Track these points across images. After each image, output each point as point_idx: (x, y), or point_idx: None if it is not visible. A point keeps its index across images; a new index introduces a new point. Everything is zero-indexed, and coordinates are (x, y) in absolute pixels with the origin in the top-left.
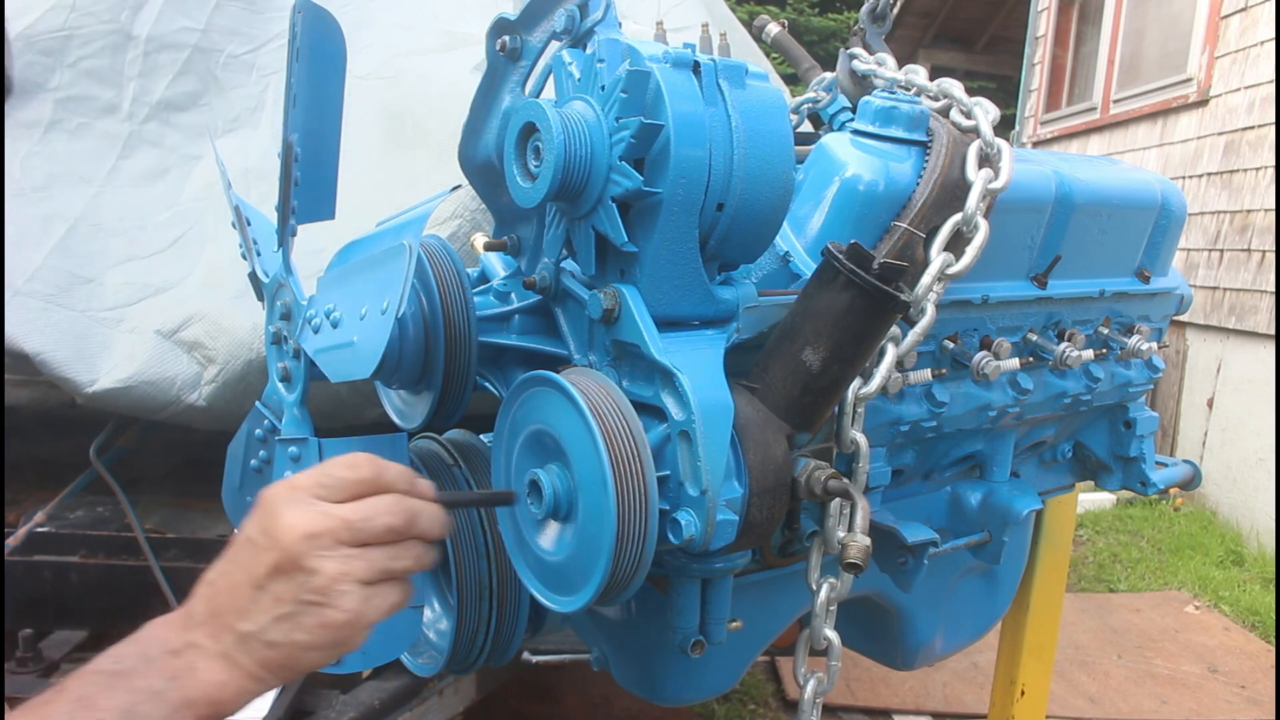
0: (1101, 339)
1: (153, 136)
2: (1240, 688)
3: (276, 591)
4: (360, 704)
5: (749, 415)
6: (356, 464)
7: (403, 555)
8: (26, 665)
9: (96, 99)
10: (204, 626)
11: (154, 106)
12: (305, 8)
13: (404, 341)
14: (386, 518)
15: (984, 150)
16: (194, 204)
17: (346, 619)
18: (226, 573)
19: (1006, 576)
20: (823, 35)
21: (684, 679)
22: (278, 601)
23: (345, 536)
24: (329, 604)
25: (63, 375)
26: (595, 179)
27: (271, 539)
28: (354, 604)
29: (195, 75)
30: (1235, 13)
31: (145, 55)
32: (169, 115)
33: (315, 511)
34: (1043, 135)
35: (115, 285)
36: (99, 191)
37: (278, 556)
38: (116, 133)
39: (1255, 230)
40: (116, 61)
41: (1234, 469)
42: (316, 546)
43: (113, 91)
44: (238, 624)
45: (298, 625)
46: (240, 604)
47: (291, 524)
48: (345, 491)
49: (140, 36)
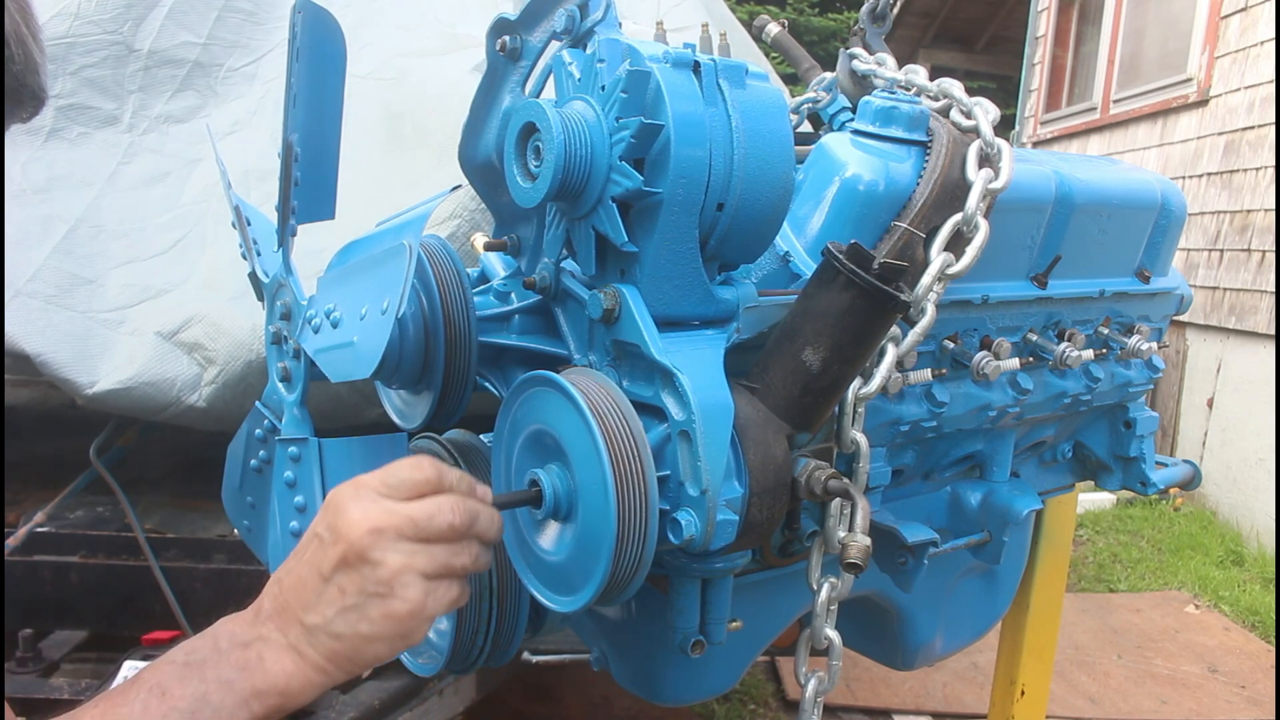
0: (1101, 339)
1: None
2: (1240, 688)
3: (341, 584)
4: (360, 704)
5: (749, 415)
6: (420, 465)
7: (462, 553)
8: (26, 665)
9: (98, 110)
10: (273, 620)
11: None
12: (305, 8)
13: (404, 341)
14: (449, 515)
15: (984, 150)
16: (194, 206)
17: (410, 609)
18: (293, 569)
19: (1006, 576)
20: (823, 35)
21: (684, 679)
22: (343, 594)
23: (409, 532)
24: (393, 595)
25: (63, 376)
26: (595, 179)
27: (337, 534)
28: (417, 595)
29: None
30: (1235, 13)
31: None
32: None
33: (381, 507)
34: (1043, 135)
35: (116, 287)
36: (100, 194)
37: (344, 550)
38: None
39: (1255, 230)
40: (118, 73)
41: (1234, 469)
42: (381, 540)
43: (114, 104)
44: (304, 616)
45: (363, 616)
46: (307, 598)
47: (357, 519)
48: (409, 490)
49: (142, 50)
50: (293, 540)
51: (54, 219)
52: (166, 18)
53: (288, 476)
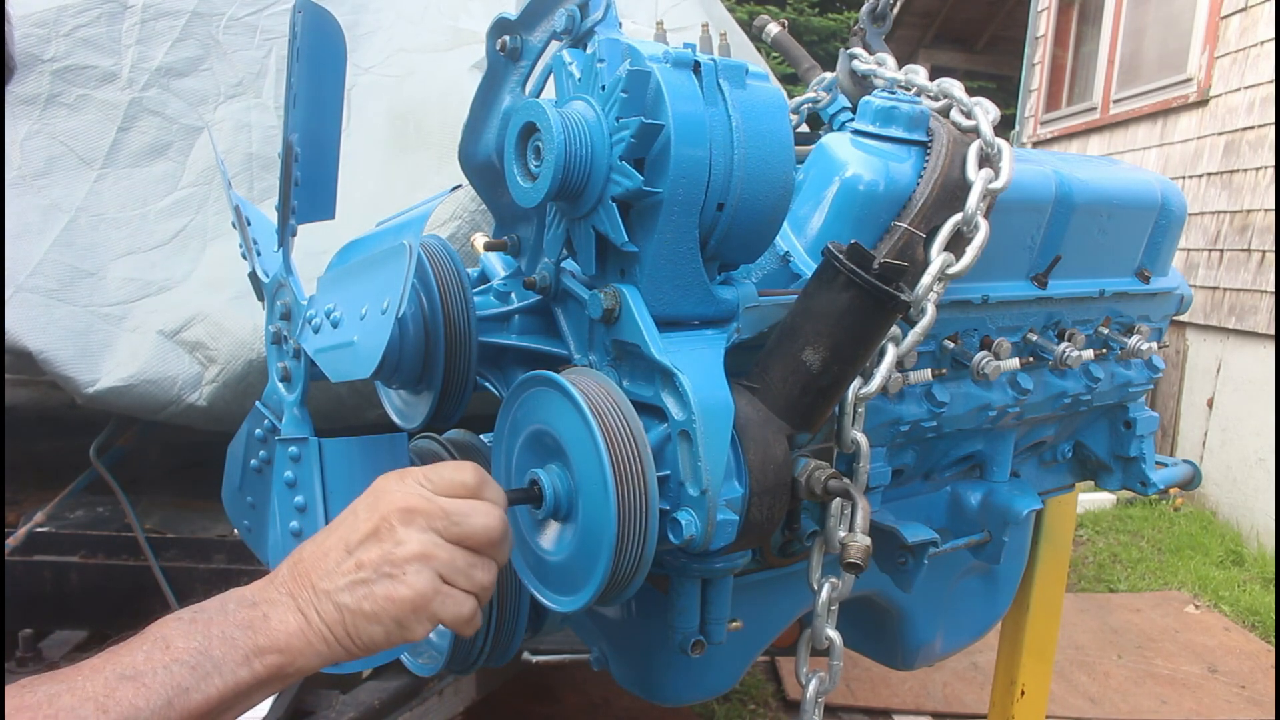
0: (1101, 339)
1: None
2: (1240, 688)
3: (362, 557)
4: (360, 704)
5: (749, 415)
6: (463, 468)
7: (479, 568)
8: (26, 665)
9: (95, 68)
10: (285, 584)
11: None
12: (305, 7)
13: (404, 341)
14: (481, 518)
15: (984, 150)
16: (196, 189)
17: (412, 597)
18: (320, 541)
19: (1006, 576)
20: (823, 35)
21: (684, 679)
22: (360, 567)
23: (439, 522)
24: (402, 578)
25: (64, 374)
26: (595, 179)
27: (373, 511)
28: (422, 585)
29: (195, 40)
30: (1235, 13)
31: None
32: (170, 81)
33: (419, 493)
34: (1043, 135)
35: (117, 280)
36: (100, 175)
37: (376, 523)
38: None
39: (1255, 230)
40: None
41: (1234, 469)
42: (411, 520)
43: (111, 60)
44: (318, 581)
45: (369, 594)
46: (327, 564)
47: (394, 498)
48: (451, 488)
49: (136, 5)
50: (293, 540)
51: (54, 209)
52: None
53: (288, 476)
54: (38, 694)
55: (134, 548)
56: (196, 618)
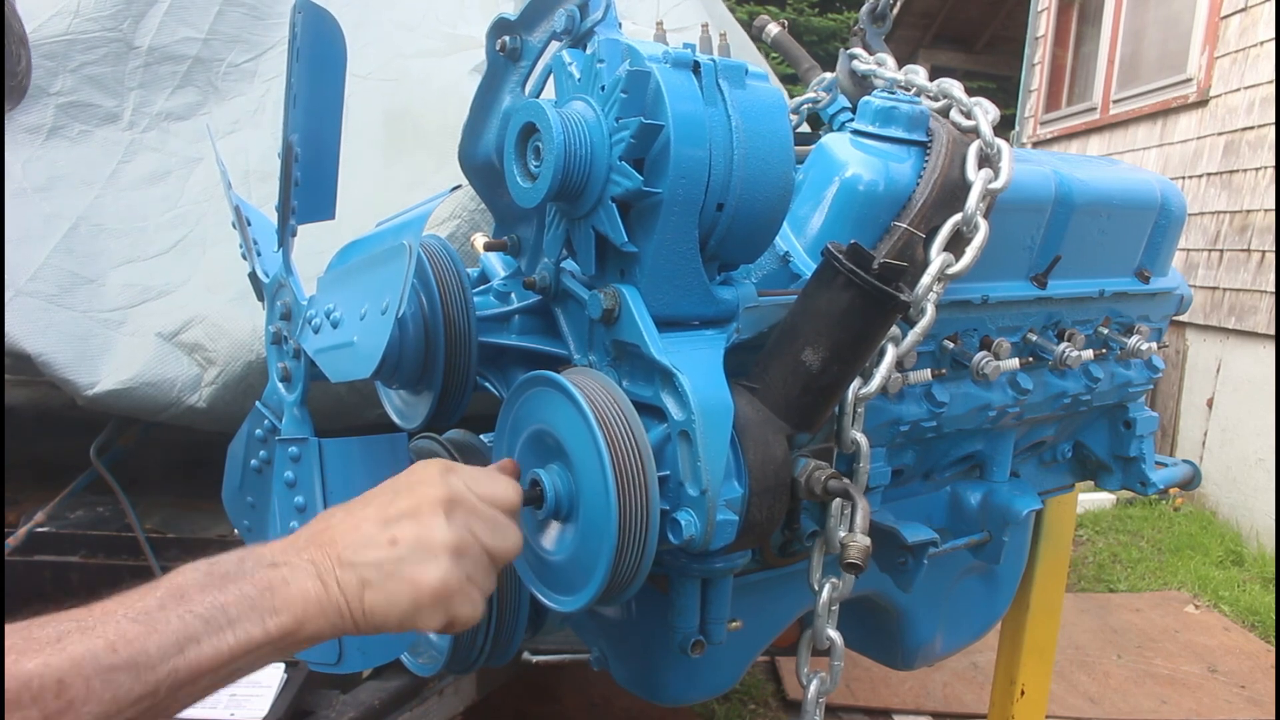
0: (1101, 339)
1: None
2: (1240, 688)
3: (394, 533)
4: (360, 704)
5: (749, 415)
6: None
7: (492, 578)
8: None
9: (98, 107)
10: (308, 549)
11: (154, 117)
12: (305, 8)
13: (404, 341)
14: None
15: (984, 150)
16: (195, 206)
17: (435, 586)
18: (352, 510)
19: (1006, 576)
20: (823, 35)
21: (684, 679)
22: (393, 544)
23: (479, 524)
24: (430, 563)
25: (64, 377)
26: (595, 179)
27: (414, 491)
28: (439, 576)
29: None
30: (1235, 13)
31: (146, 66)
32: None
33: (466, 490)
34: (1043, 135)
35: (117, 287)
36: (101, 193)
37: (416, 502)
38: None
39: (1255, 230)
40: (118, 70)
41: (1234, 469)
42: (455, 510)
43: (114, 101)
44: (344, 551)
45: (392, 574)
46: (357, 537)
47: (441, 486)
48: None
49: (141, 47)
50: None
51: (55, 217)
52: (166, 13)
53: (288, 476)
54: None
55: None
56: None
